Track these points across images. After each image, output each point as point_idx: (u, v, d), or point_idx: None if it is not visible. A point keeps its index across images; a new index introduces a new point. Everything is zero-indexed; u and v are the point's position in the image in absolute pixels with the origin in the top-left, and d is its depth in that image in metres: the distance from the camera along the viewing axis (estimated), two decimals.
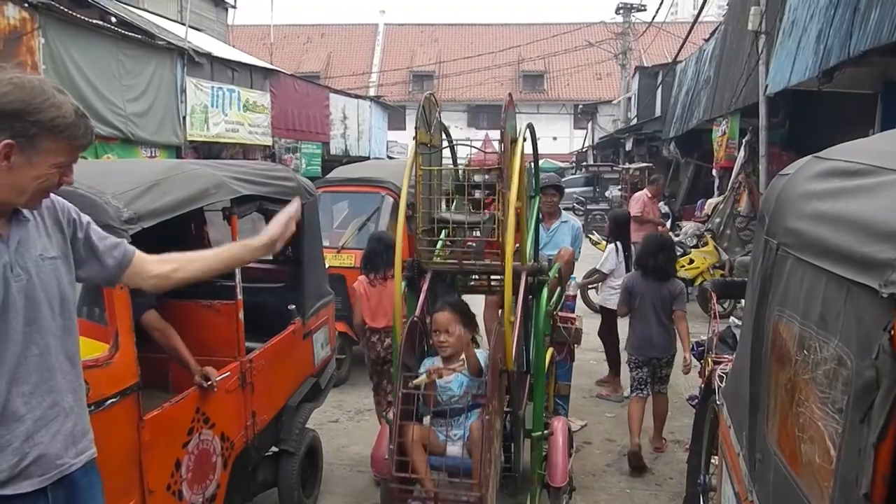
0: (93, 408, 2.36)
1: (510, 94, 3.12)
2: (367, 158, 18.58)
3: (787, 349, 1.80)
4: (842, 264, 1.50)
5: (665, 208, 14.26)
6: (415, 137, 3.18)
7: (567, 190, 6.65)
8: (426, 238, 3.24)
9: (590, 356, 6.46)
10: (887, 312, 1.31)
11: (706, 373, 3.72)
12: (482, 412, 2.81)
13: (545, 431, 3.46)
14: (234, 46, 17.87)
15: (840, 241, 1.53)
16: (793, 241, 1.81)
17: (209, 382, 2.92)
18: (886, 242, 1.34)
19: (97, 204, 2.55)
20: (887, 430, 1.30)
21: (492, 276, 3.58)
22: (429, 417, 3.04)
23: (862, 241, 1.43)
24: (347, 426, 5.19)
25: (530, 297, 3.42)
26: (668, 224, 12.35)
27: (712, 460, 3.48)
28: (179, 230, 4.29)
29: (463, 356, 2.99)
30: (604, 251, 6.37)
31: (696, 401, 3.91)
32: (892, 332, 1.30)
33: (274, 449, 3.69)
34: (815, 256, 1.65)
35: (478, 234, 3.33)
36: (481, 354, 3.08)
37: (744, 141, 10.30)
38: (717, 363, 3.52)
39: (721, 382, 3.06)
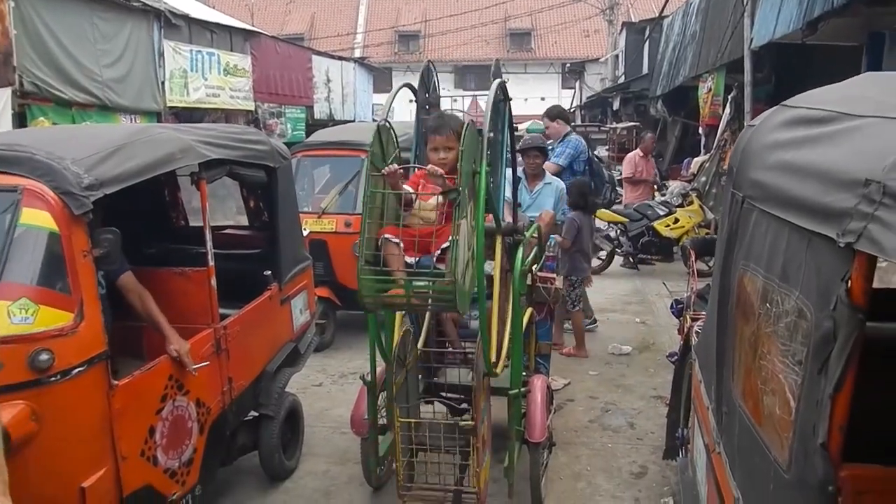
0: (59, 377, 2.35)
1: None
2: (352, 122, 18.34)
3: (751, 303, 1.78)
4: (803, 215, 1.48)
5: None
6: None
7: None
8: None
9: None
10: (845, 262, 1.30)
11: (685, 330, 3.73)
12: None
13: (523, 389, 3.47)
14: (214, 8, 17.44)
15: (801, 192, 1.50)
16: (757, 193, 1.78)
17: (188, 369, 2.91)
18: (845, 191, 1.31)
19: (56, 170, 2.50)
20: (844, 381, 1.30)
21: None
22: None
23: (822, 191, 1.41)
24: (331, 390, 5.21)
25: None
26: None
27: (691, 414, 3.51)
28: (151, 196, 4.24)
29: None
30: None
31: (676, 358, 3.93)
32: (850, 283, 1.29)
33: (254, 413, 3.70)
34: (777, 208, 1.63)
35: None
36: None
37: (729, 97, 10.19)
38: (694, 320, 3.53)
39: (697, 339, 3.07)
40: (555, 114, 6.74)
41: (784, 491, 1.45)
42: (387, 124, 2.95)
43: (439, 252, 2.76)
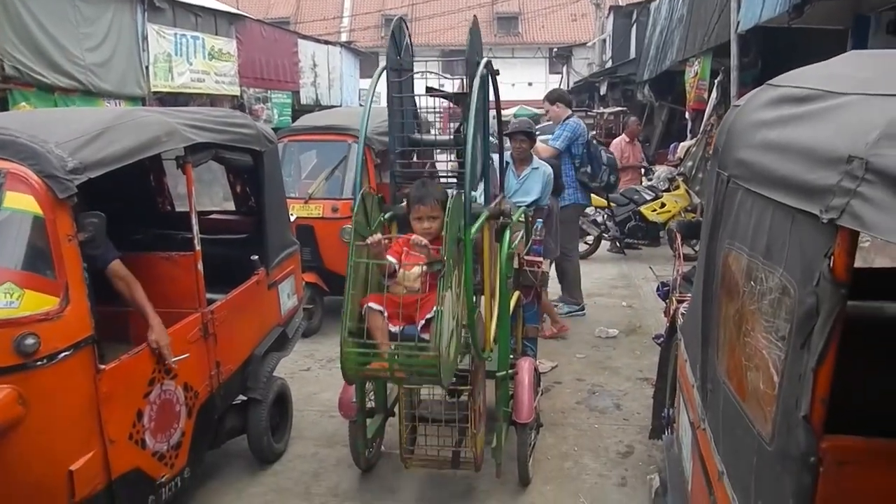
0: (45, 361, 2.35)
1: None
2: (339, 107, 18.23)
3: (736, 281, 1.80)
4: (787, 193, 1.49)
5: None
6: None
7: (543, 137, 6.54)
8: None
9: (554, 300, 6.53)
10: (828, 239, 1.31)
11: (671, 312, 3.76)
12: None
13: (511, 371, 3.50)
14: None
15: (786, 170, 1.52)
16: (742, 173, 1.80)
17: (167, 362, 2.85)
18: (828, 168, 1.32)
19: (39, 153, 2.47)
20: (826, 355, 1.32)
21: None
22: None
23: (806, 168, 1.42)
24: (319, 374, 5.22)
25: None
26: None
27: (676, 394, 3.55)
28: (137, 181, 4.20)
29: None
30: None
31: (661, 339, 3.96)
32: (832, 259, 1.30)
33: (242, 397, 3.70)
34: (762, 186, 1.64)
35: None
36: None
37: (716, 82, 10.21)
38: (680, 302, 3.56)
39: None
40: (555, 97, 6.65)
41: (767, 463, 1.48)
42: (371, 193, 3.08)
43: (424, 322, 2.81)
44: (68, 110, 7.24)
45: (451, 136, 3.36)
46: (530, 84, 35.97)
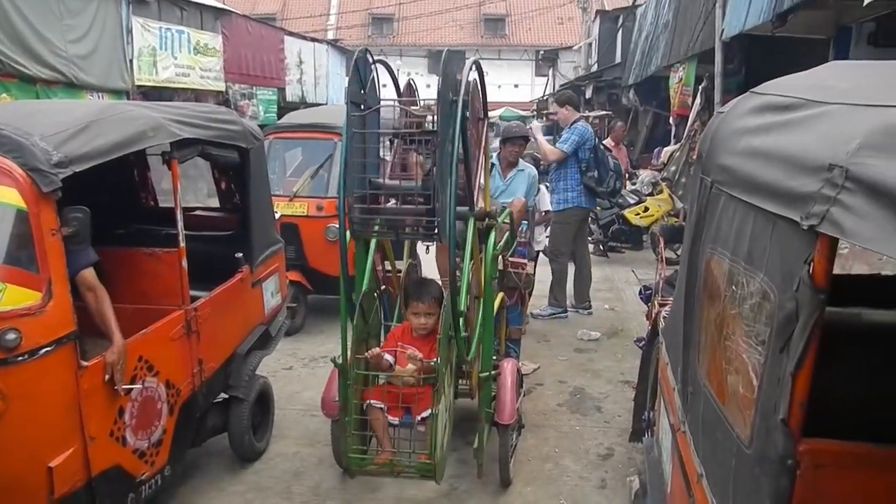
0: (26, 356, 2.32)
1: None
2: (325, 105, 18.15)
3: (718, 286, 1.83)
4: (769, 199, 1.52)
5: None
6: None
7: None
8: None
9: (543, 302, 6.55)
10: (808, 245, 1.33)
11: (653, 315, 3.79)
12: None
13: (494, 372, 3.52)
14: None
15: (768, 177, 1.54)
16: (725, 178, 1.82)
17: (116, 386, 2.64)
18: (809, 175, 1.35)
19: (24, 146, 2.45)
20: (804, 360, 1.34)
21: None
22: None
23: (788, 175, 1.44)
24: (301, 373, 5.21)
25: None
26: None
27: (657, 397, 3.58)
28: (120, 175, 4.17)
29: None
30: None
31: (643, 343, 4.00)
32: (812, 265, 1.33)
33: (224, 395, 3.69)
34: (744, 192, 1.67)
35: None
36: None
37: (700, 88, 10.30)
38: (662, 306, 3.59)
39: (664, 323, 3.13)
40: (564, 100, 6.65)
41: (746, 465, 1.50)
42: (373, 295, 3.31)
43: (420, 418, 3.10)
44: (53, 102, 7.16)
45: (420, 182, 3.10)
46: (516, 86, 36.08)
